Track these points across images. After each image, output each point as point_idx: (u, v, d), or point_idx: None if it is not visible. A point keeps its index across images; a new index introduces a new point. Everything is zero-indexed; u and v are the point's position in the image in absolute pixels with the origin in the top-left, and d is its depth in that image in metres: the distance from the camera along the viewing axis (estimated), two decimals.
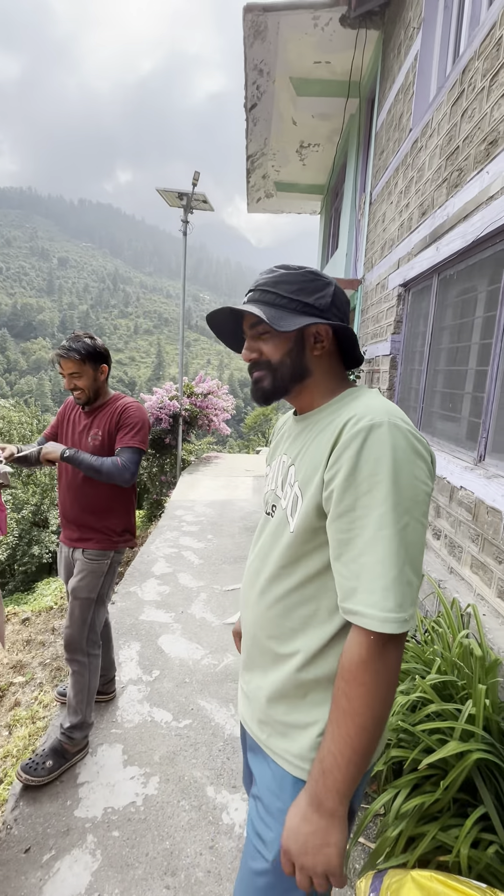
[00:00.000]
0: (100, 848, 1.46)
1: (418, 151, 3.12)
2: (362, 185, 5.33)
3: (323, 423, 0.77)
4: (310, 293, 0.78)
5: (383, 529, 0.63)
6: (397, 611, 0.62)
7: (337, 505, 0.67)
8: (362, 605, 0.63)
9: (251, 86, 5.28)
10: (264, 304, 0.78)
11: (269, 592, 0.81)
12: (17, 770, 1.65)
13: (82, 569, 1.76)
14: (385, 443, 0.65)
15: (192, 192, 6.83)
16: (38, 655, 3.16)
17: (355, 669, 0.64)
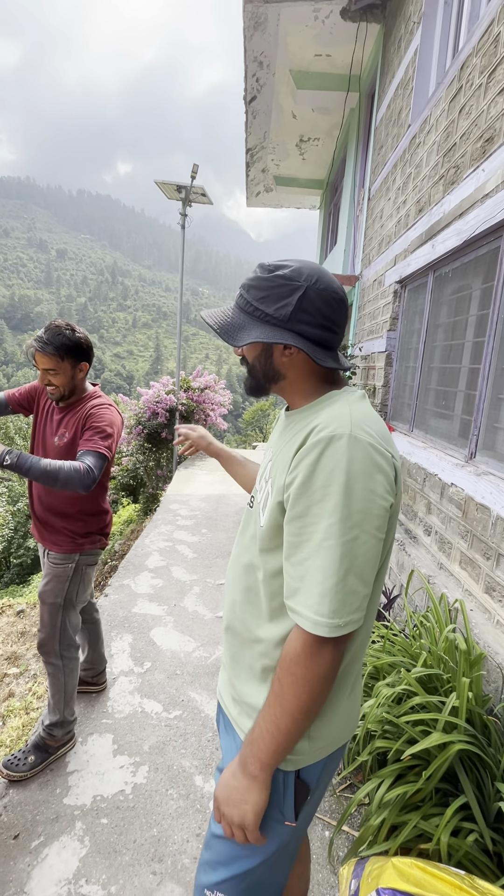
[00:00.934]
0: (88, 835, 1.48)
1: (416, 147, 3.11)
2: (361, 181, 5.31)
3: (298, 425, 0.78)
4: (273, 301, 0.75)
5: (329, 539, 0.66)
6: (330, 616, 0.66)
7: (291, 509, 0.70)
8: (301, 605, 0.68)
9: (251, 78, 5.24)
10: (239, 308, 0.79)
11: (242, 580, 0.85)
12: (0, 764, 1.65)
13: (47, 572, 1.67)
14: (341, 455, 0.66)
15: (191, 185, 6.79)
16: (33, 647, 3.18)
17: (290, 661, 0.69)
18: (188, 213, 7.19)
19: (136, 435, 7.52)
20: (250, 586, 0.83)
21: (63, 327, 1.55)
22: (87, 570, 1.74)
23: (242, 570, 0.86)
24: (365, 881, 1.14)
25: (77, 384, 1.65)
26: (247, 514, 0.90)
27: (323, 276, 0.75)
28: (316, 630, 0.66)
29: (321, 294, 0.75)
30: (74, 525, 1.68)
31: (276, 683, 0.71)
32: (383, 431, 0.74)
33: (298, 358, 0.80)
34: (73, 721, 1.78)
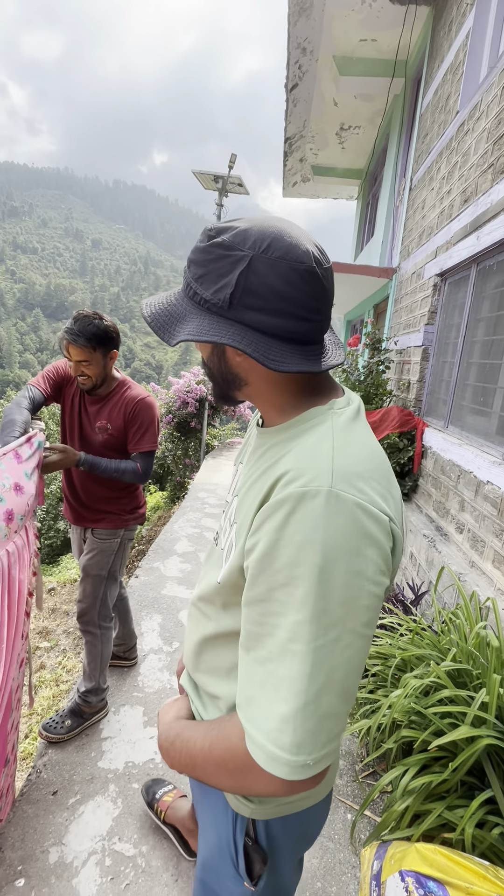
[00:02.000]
0: (121, 797, 1.56)
1: (464, 135, 3.01)
2: (403, 170, 5.18)
3: (270, 455, 0.58)
4: (212, 281, 0.53)
5: (296, 642, 0.47)
6: (294, 752, 0.47)
7: (250, 587, 0.52)
8: (254, 727, 0.50)
9: (293, 65, 5.17)
10: (183, 291, 0.58)
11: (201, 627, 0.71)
12: (39, 728, 1.78)
13: (93, 547, 1.77)
14: (316, 523, 0.46)
15: (228, 175, 6.79)
16: (63, 623, 3.33)
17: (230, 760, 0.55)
18: (224, 204, 7.20)
19: (167, 424, 7.65)
20: (207, 637, 0.69)
21: (91, 316, 1.55)
22: (127, 545, 1.86)
23: (202, 616, 0.70)
24: (388, 863, 1.17)
25: (108, 373, 1.66)
26: (211, 549, 0.73)
27: (279, 240, 0.51)
28: (271, 768, 0.48)
29: (274, 265, 0.50)
30: (119, 505, 1.79)
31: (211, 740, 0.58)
32: (381, 475, 0.53)
33: (239, 361, 0.59)
34: (105, 689, 1.88)
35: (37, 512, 1.54)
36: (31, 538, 1.40)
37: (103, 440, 1.69)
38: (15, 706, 1.46)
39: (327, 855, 1.43)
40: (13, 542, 1.27)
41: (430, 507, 3.05)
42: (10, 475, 1.28)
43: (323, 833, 1.50)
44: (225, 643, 0.65)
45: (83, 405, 1.71)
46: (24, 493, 1.32)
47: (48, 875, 1.32)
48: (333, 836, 1.49)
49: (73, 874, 1.32)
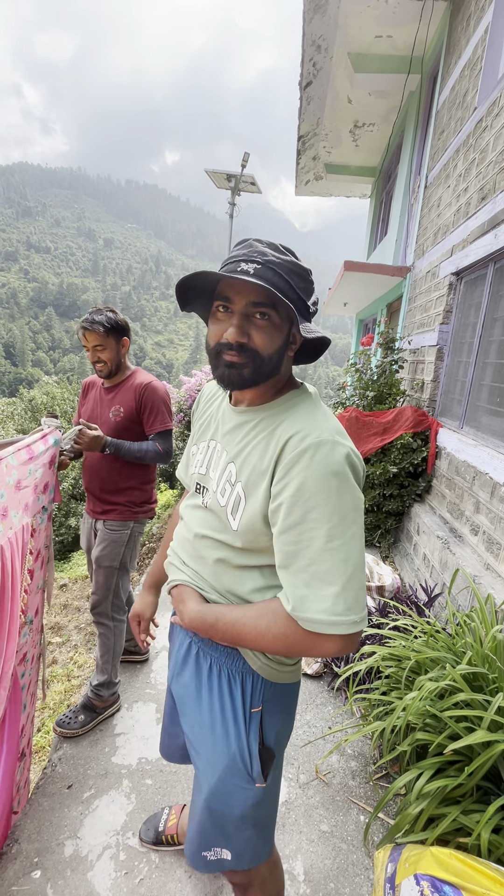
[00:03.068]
0: (134, 792, 1.58)
1: (482, 131, 2.97)
2: (418, 168, 5.12)
3: (265, 425, 0.78)
4: (309, 294, 0.76)
5: (333, 541, 0.68)
6: (346, 613, 0.67)
7: (286, 518, 0.71)
8: (314, 611, 0.68)
9: (307, 63, 5.14)
10: (290, 288, 0.73)
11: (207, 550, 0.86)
12: (53, 724, 1.80)
13: (104, 538, 1.82)
14: (331, 460, 0.69)
15: (241, 174, 6.78)
16: (74, 619, 3.37)
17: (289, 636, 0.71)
18: (236, 203, 7.20)
19: (178, 423, 7.68)
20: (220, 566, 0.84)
21: (104, 309, 1.75)
22: (137, 538, 1.89)
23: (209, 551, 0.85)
24: (402, 866, 1.16)
25: (122, 361, 1.82)
26: (199, 502, 0.88)
27: None
28: (337, 630, 0.68)
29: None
30: (131, 496, 1.84)
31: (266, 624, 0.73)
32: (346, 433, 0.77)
33: (289, 356, 0.81)
34: (117, 683, 1.90)
35: (46, 508, 1.56)
36: (28, 537, 1.39)
37: (115, 422, 1.79)
38: (30, 701, 1.48)
39: (340, 856, 1.43)
40: (8, 539, 1.25)
41: (444, 508, 3.02)
42: (16, 472, 1.29)
43: (335, 834, 1.49)
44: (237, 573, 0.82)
45: (100, 395, 1.87)
46: (21, 490, 1.32)
47: (63, 868, 1.33)
48: (346, 838, 1.49)
49: (87, 867, 1.34)
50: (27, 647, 1.45)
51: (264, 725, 0.85)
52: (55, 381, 22.34)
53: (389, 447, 3.45)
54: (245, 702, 0.84)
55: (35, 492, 1.43)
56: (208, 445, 0.91)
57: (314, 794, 1.63)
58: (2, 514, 1.23)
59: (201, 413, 1.00)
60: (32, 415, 17.84)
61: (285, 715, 0.90)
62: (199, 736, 0.89)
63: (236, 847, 0.90)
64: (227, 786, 0.86)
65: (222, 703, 0.85)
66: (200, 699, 0.88)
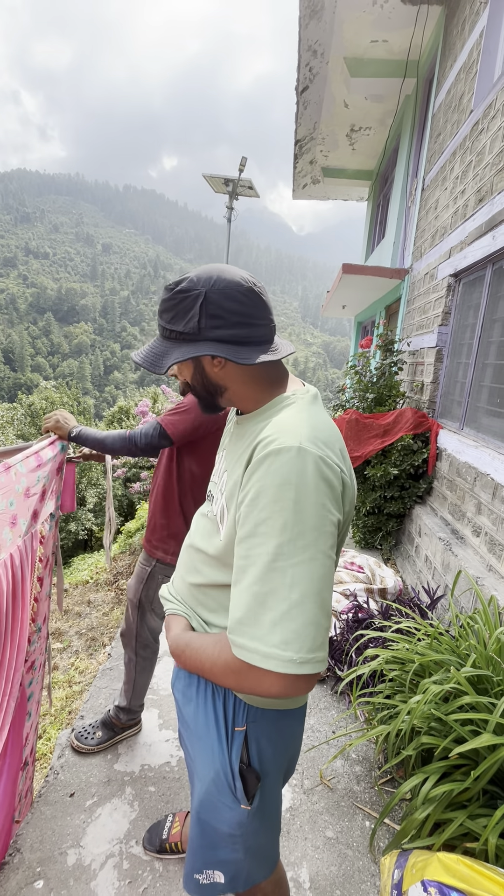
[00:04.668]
0: (137, 800, 1.56)
1: (479, 134, 2.99)
2: (414, 171, 5.15)
3: (247, 434, 0.77)
4: (181, 318, 0.72)
5: (280, 560, 0.60)
6: (282, 647, 0.59)
7: (240, 528, 0.66)
8: (246, 637, 0.61)
9: (304, 68, 5.17)
10: (161, 336, 0.77)
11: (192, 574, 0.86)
12: (70, 736, 1.77)
13: (136, 569, 1.71)
14: (290, 468, 0.61)
15: (239, 178, 6.81)
16: (75, 625, 3.35)
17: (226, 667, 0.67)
18: (234, 207, 7.22)
19: None
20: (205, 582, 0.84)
21: None
22: (159, 578, 1.66)
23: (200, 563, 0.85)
24: (409, 872, 1.15)
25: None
26: (206, 521, 0.88)
27: (222, 275, 0.72)
28: (269, 664, 0.59)
29: (223, 292, 0.71)
30: (152, 527, 1.65)
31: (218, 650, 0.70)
32: (334, 441, 0.69)
33: (229, 366, 0.76)
34: (138, 710, 1.80)
35: (54, 514, 1.55)
36: (37, 544, 1.38)
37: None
38: (35, 709, 1.47)
39: (346, 863, 1.42)
40: (17, 547, 1.24)
41: (445, 509, 3.01)
42: (25, 479, 1.28)
43: (341, 840, 1.48)
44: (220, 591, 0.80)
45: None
46: (30, 497, 1.31)
47: (66, 877, 1.32)
48: (352, 844, 1.47)
49: (91, 877, 1.32)
50: (35, 655, 1.44)
51: (249, 746, 0.80)
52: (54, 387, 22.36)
53: (390, 449, 3.45)
54: (227, 720, 0.80)
55: (44, 499, 1.43)
56: (221, 454, 0.91)
57: (319, 799, 1.61)
58: (11, 522, 1.22)
59: (227, 427, 1.00)
60: (32, 420, 17.85)
61: (278, 740, 0.83)
62: (192, 743, 0.87)
63: (228, 869, 0.85)
64: (214, 800, 0.81)
65: (207, 716, 0.82)
66: (189, 708, 0.87)
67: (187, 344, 0.73)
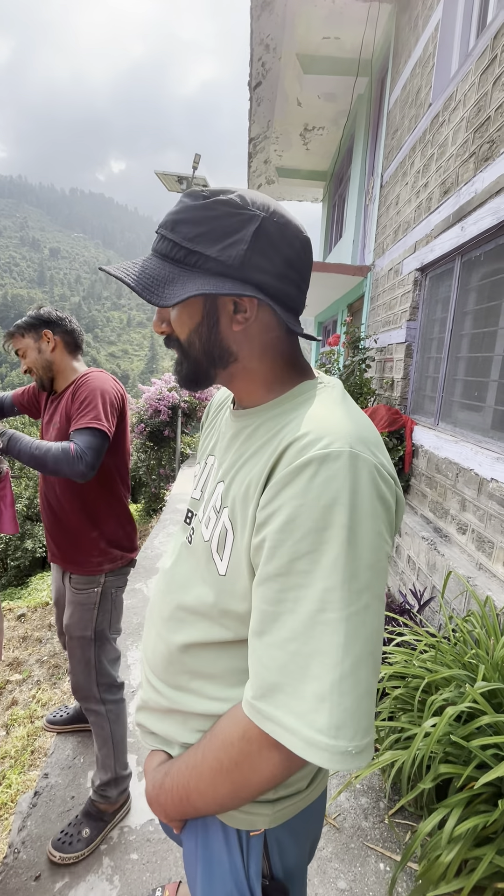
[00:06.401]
0: (118, 873, 1.33)
1: (440, 126, 2.96)
2: (371, 169, 5.16)
3: (264, 431, 0.57)
4: (215, 238, 0.51)
5: (328, 612, 0.44)
6: (333, 734, 0.43)
7: (267, 562, 0.48)
8: (284, 711, 0.45)
9: (257, 62, 5.07)
10: (161, 256, 0.55)
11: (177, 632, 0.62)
12: (49, 848, 1.35)
13: (70, 600, 1.41)
14: (343, 483, 0.45)
15: (193, 176, 6.62)
16: (36, 652, 3.02)
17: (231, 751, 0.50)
18: None
19: (138, 434, 7.35)
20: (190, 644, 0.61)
21: (31, 309, 1.44)
22: (116, 595, 1.46)
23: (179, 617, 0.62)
24: None
25: (55, 363, 1.40)
26: (184, 549, 0.66)
27: (279, 208, 0.54)
28: (309, 754, 0.43)
29: (283, 230, 0.52)
30: (89, 537, 1.39)
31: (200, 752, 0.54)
32: (381, 443, 0.53)
33: (256, 327, 0.56)
34: (127, 776, 1.50)
35: None
36: None
37: (53, 437, 1.38)
38: None
39: None
40: None
41: (425, 507, 2.94)
42: None
43: (356, 891, 1.31)
44: (215, 650, 0.59)
45: (48, 410, 1.46)
46: None
47: None
48: (367, 894, 1.31)
49: None
50: None
51: (270, 852, 0.60)
52: None
53: None
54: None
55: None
56: (206, 462, 0.70)
57: (326, 843, 1.44)
58: None
59: (210, 423, 0.77)
60: None
61: (302, 828, 0.64)
62: (188, 861, 0.65)
63: None
64: None
65: (208, 822, 0.61)
66: None
67: (215, 277, 0.51)
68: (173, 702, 0.62)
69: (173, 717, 0.63)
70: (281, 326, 0.57)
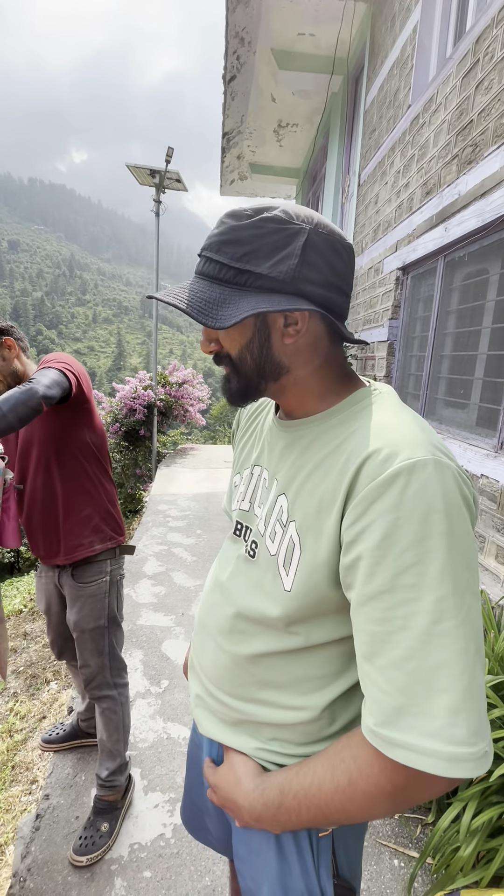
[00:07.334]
0: (131, 893, 1.28)
1: (420, 128, 3.00)
2: (346, 167, 5.20)
3: (324, 442, 0.57)
4: (264, 255, 0.52)
5: (444, 621, 0.44)
6: (472, 742, 0.42)
7: (367, 581, 0.47)
8: (415, 734, 0.43)
9: (231, 55, 5.00)
10: (208, 278, 0.56)
11: (242, 644, 0.62)
12: (72, 857, 1.33)
13: (76, 596, 1.42)
14: (435, 491, 0.45)
15: (166, 170, 6.48)
16: (11, 663, 2.89)
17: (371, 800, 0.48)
18: (162, 201, 6.88)
19: (113, 434, 7.17)
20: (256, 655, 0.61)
21: None
22: (120, 581, 1.52)
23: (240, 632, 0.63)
24: None
25: (15, 367, 1.38)
26: (242, 562, 0.65)
27: (322, 218, 0.55)
28: (456, 771, 0.42)
29: (328, 240, 0.53)
30: (81, 515, 1.40)
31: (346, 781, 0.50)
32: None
33: (306, 339, 0.56)
34: (129, 761, 1.55)
35: None
36: None
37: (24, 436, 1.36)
38: None
39: None
40: None
41: None
42: None
43: (373, 890, 1.32)
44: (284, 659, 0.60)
45: None
46: None
47: None
48: (385, 892, 1.32)
49: None
50: None
51: (337, 852, 0.61)
52: None
53: None
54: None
55: None
56: (252, 472, 0.69)
57: None
58: None
59: (244, 432, 0.77)
60: None
61: (361, 830, 0.67)
62: (251, 866, 0.64)
63: None
64: None
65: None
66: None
67: (268, 294, 0.52)
68: (243, 713, 0.63)
69: (244, 727, 0.63)
70: (329, 335, 0.58)
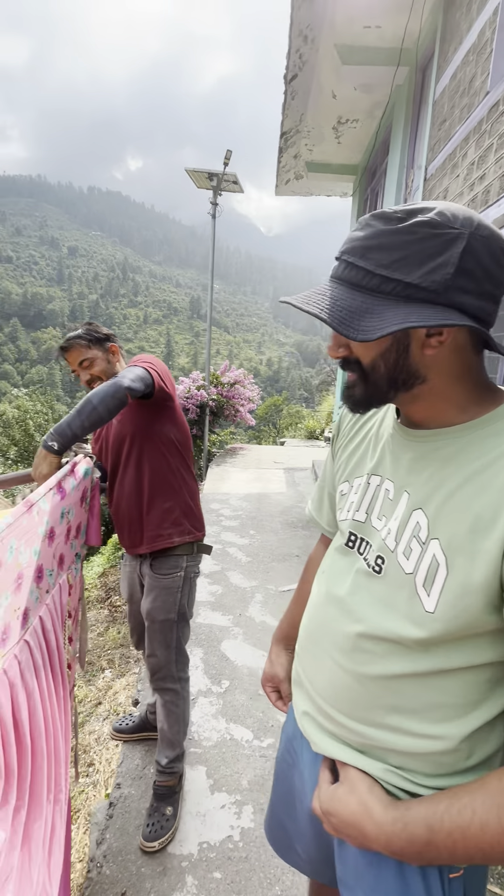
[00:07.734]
0: (202, 892, 1.29)
1: (499, 115, 2.83)
2: (411, 161, 5.02)
3: (474, 455, 0.53)
4: (417, 263, 0.48)
5: None
6: None
7: None
8: None
9: (294, 54, 4.96)
10: (349, 284, 0.53)
11: (369, 664, 0.59)
12: (142, 844, 1.40)
13: (153, 586, 1.50)
14: None
15: (224, 173, 6.57)
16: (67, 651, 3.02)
17: None
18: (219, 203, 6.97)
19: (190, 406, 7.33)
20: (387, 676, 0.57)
21: (79, 326, 1.52)
22: (194, 579, 1.58)
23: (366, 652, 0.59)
24: None
25: (117, 370, 1.53)
26: (364, 577, 0.62)
27: (483, 219, 0.50)
28: None
29: (488, 244, 0.49)
30: (163, 508, 1.47)
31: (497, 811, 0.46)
32: None
33: (449, 348, 0.53)
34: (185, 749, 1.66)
35: (80, 555, 1.28)
36: (66, 597, 1.14)
37: (116, 431, 1.48)
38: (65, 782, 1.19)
39: None
40: (46, 606, 1.00)
41: None
42: (49, 518, 1.01)
43: None
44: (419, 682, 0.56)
45: None
46: (56, 540, 1.06)
47: None
48: None
49: None
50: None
51: (468, 893, 0.58)
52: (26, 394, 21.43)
53: None
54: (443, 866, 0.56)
55: (68, 539, 1.15)
56: (368, 482, 0.66)
57: None
58: (37, 576, 0.95)
59: (349, 438, 0.74)
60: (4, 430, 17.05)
61: (486, 869, 0.64)
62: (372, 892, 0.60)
63: None
64: None
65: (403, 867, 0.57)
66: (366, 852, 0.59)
67: (416, 304, 0.49)
68: (365, 737, 0.60)
69: (369, 752, 0.60)
70: (473, 344, 0.55)
